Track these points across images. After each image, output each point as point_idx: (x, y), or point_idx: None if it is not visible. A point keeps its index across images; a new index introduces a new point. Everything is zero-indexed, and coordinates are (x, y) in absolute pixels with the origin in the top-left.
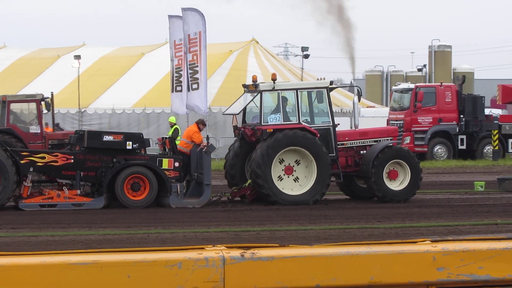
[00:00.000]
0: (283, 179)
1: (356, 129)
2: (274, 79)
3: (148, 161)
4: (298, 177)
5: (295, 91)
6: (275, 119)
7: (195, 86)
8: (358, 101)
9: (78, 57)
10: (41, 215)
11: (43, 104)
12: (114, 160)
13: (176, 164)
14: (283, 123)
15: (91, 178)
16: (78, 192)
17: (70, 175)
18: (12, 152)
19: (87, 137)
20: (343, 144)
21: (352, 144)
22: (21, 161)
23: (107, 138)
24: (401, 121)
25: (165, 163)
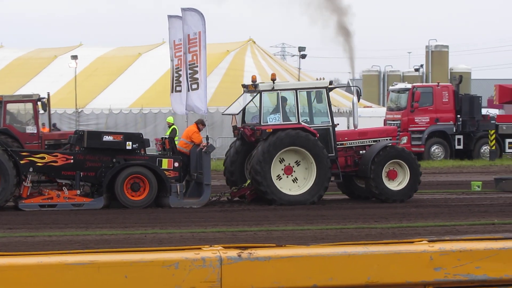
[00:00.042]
0: (282, 179)
1: (356, 129)
2: (274, 79)
3: (148, 161)
4: (297, 178)
5: (295, 91)
6: (275, 119)
7: (195, 86)
8: (358, 101)
9: (75, 57)
10: (38, 216)
11: (40, 105)
12: (114, 160)
13: (176, 164)
14: (283, 123)
15: (91, 178)
16: (78, 192)
17: (70, 175)
18: (12, 152)
19: (87, 137)
20: (343, 144)
21: (352, 144)
22: (21, 161)
23: (107, 138)
24: (398, 121)
25: (165, 163)
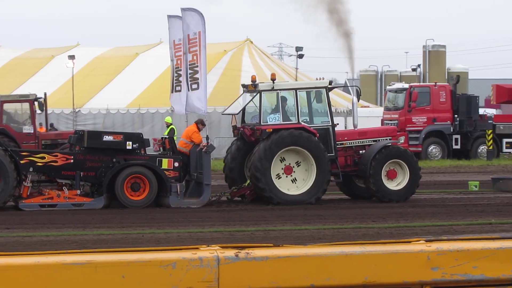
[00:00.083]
0: (281, 178)
1: (355, 129)
2: (274, 79)
3: (148, 161)
4: (296, 179)
5: (295, 91)
6: (275, 119)
7: (195, 86)
8: (357, 101)
9: (72, 57)
10: (35, 215)
11: (37, 104)
12: (114, 160)
13: (176, 164)
14: (283, 123)
15: (91, 178)
16: (78, 192)
17: (70, 175)
18: (12, 152)
19: (87, 137)
20: (342, 144)
21: (351, 144)
22: (21, 161)
23: (107, 138)
24: (396, 121)
25: (165, 163)
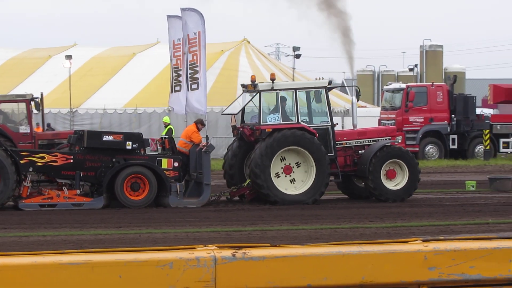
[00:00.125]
0: (280, 177)
1: (355, 129)
2: (273, 79)
3: (148, 161)
4: (295, 179)
5: (294, 91)
6: (274, 119)
7: (195, 86)
8: (357, 101)
9: (69, 57)
10: (33, 215)
11: (33, 104)
12: (114, 160)
13: (176, 164)
14: (282, 123)
15: (91, 178)
16: (78, 192)
17: (70, 175)
18: (12, 152)
19: (87, 137)
20: (342, 144)
21: (351, 144)
22: (21, 161)
23: (107, 138)
24: (393, 121)
25: (165, 163)
